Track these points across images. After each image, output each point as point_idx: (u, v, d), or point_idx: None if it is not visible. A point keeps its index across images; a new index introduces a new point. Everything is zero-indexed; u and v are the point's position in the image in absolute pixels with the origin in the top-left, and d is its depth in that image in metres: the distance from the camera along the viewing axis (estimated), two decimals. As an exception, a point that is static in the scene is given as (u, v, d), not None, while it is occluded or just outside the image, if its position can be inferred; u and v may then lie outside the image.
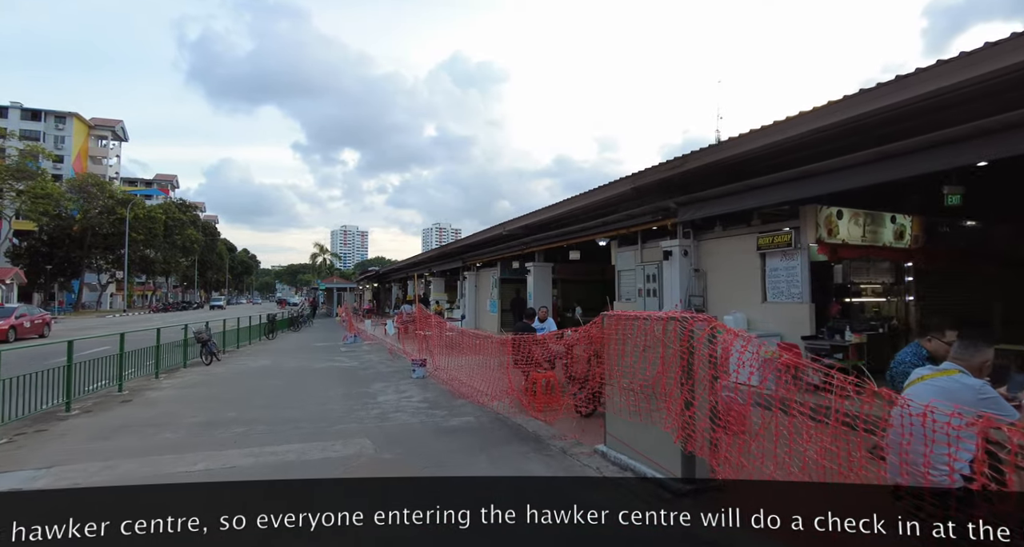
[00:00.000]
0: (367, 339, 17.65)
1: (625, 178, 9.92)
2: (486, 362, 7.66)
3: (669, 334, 4.20)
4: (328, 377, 9.88)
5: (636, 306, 11.69)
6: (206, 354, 11.79)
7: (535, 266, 16.00)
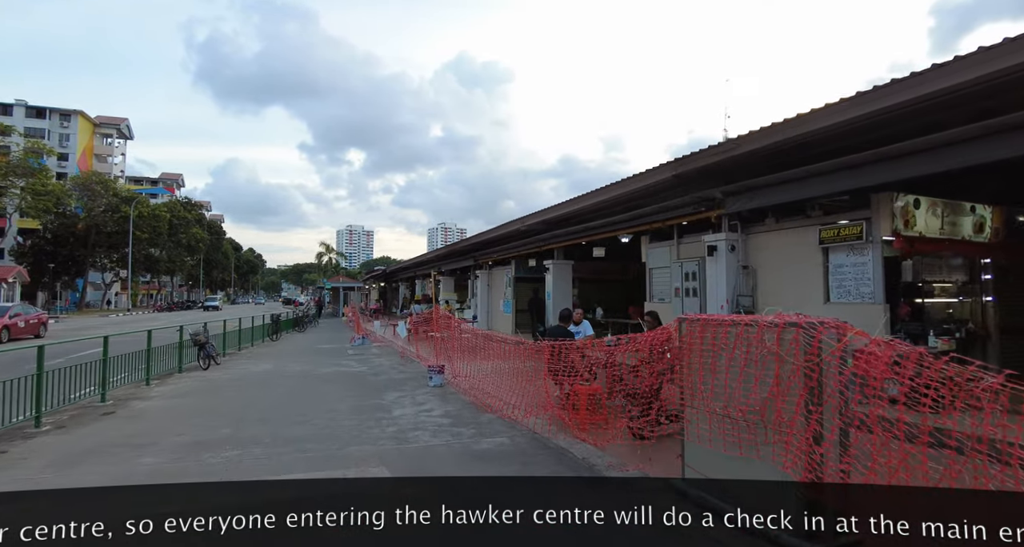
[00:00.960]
0: (376, 341, 16.72)
1: (666, 164, 8.93)
2: (516, 370, 6.68)
3: (787, 345, 3.21)
4: (336, 384, 8.93)
5: (671, 307, 10.69)
6: (204, 358, 10.88)
7: (554, 264, 15.02)
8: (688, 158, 8.56)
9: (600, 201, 11.57)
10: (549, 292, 15.13)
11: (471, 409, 6.86)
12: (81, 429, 6.02)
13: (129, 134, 74.42)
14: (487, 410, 6.69)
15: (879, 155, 6.71)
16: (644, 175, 9.44)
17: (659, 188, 9.65)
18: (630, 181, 9.90)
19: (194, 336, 10.83)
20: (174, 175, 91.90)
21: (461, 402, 7.31)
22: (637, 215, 11.21)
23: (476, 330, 8.13)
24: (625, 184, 10.14)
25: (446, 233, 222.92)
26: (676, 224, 10.54)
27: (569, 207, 12.71)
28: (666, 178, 9.01)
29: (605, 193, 10.97)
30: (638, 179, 9.61)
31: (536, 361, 6.38)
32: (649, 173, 9.33)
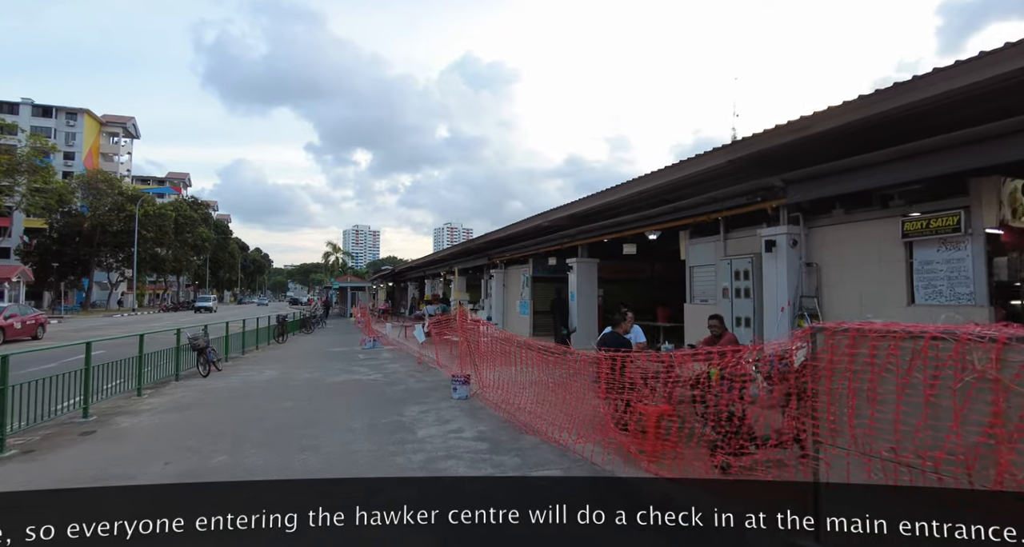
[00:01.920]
0: (387, 344, 15.78)
1: (719, 149, 7.91)
2: (563, 385, 5.69)
3: (1014, 369, 2.22)
4: (349, 395, 7.98)
5: (717, 310, 9.67)
6: (203, 364, 9.96)
7: (579, 262, 14.03)
8: (746, 141, 7.54)
9: (635, 193, 10.55)
10: (573, 292, 14.14)
11: (507, 429, 5.89)
12: (50, 455, 5.08)
13: (136, 133, 74.00)
14: (526, 431, 5.71)
15: (984, 133, 5.70)
16: (693, 161, 8.43)
17: (708, 176, 8.63)
18: (676, 168, 8.89)
19: (192, 340, 9.92)
20: (181, 175, 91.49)
21: (494, 420, 6.34)
22: (678, 208, 10.21)
23: (511, 336, 7.15)
24: (669, 172, 9.13)
25: (452, 233, 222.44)
26: (723, 217, 9.54)
27: (599, 200, 11.70)
28: (718, 164, 7.99)
29: (643, 183, 9.96)
30: (686, 166, 8.59)
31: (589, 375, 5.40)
32: (699, 159, 8.32)
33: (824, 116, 6.43)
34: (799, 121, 6.78)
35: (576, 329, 13.75)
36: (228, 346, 12.45)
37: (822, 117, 6.45)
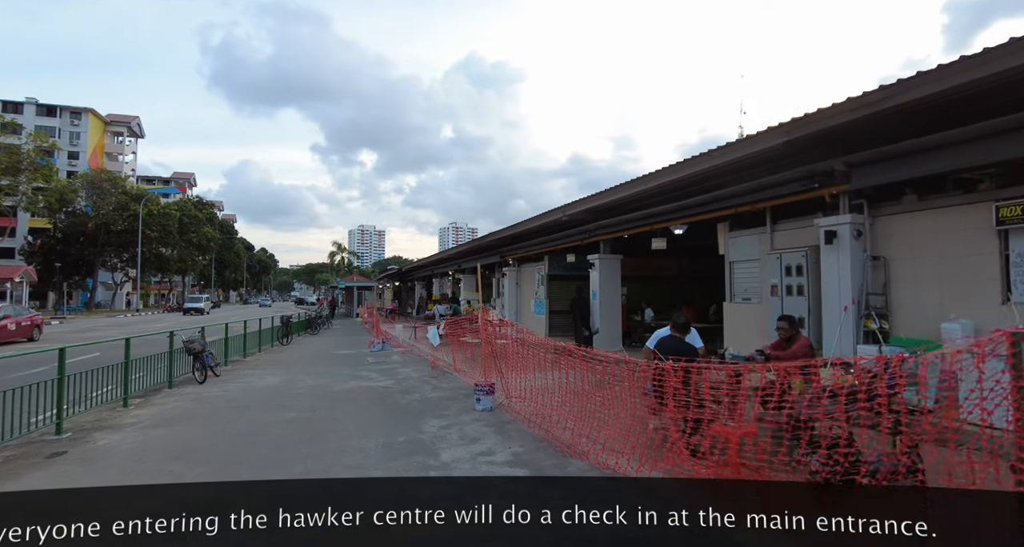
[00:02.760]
0: (397, 346, 14.94)
1: (775, 128, 7.00)
2: (615, 399, 4.82)
3: None
4: (358, 406, 7.14)
5: (763, 309, 8.79)
6: (200, 369, 9.14)
7: (601, 259, 13.14)
8: (807, 118, 6.63)
9: (668, 182, 9.66)
10: (595, 291, 13.26)
11: (546, 451, 5.01)
12: (7, 484, 4.25)
13: (140, 132, 73.57)
14: (570, 453, 4.84)
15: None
16: (744, 143, 7.52)
17: (758, 160, 7.73)
18: (722, 152, 7.97)
19: (188, 343, 9.10)
20: (186, 174, 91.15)
21: (527, 437, 5.47)
22: (717, 198, 9.30)
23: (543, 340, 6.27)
24: (713, 157, 8.22)
25: (457, 232, 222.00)
26: (769, 207, 8.64)
27: (625, 191, 10.81)
28: (773, 146, 7.09)
29: (679, 171, 9.06)
30: (735, 148, 7.68)
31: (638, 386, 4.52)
32: (750, 140, 7.41)
33: (908, 84, 5.53)
34: (876, 92, 5.87)
35: (599, 330, 12.88)
36: (228, 349, 11.64)
37: (908, 85, 5.54)
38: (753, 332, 8.76)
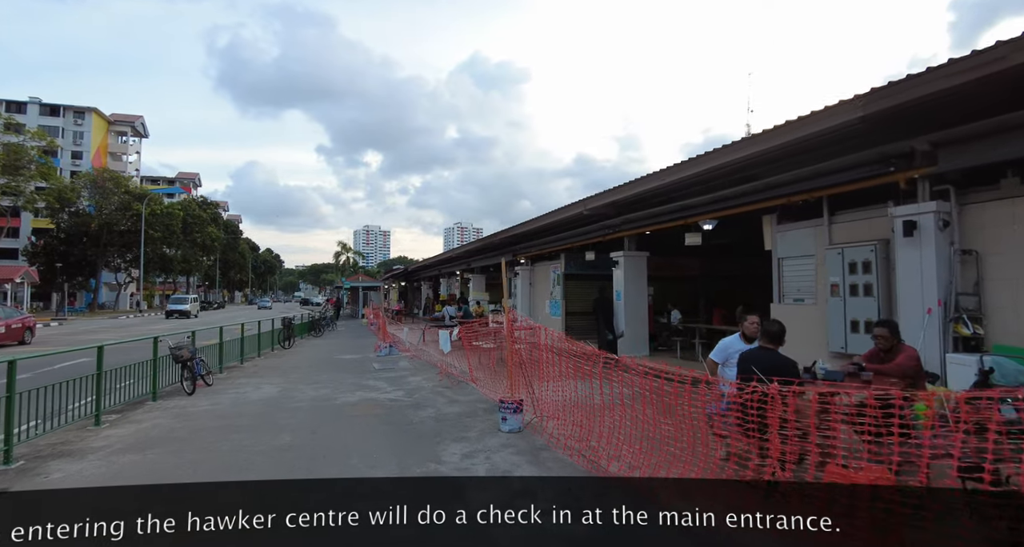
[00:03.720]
0: (404, 351, 14.00)
1: (848, 101, 6.00)
2: (682, 424, 3.86)
3: None
4: (364, 426, 6.19)
5: (819, 311, 7.79)
6: (188, 378, 8.23)
7: (626, 256, 12.16)
8: (892, 88, 5.63)
9: (705, 171, 8.69)
10: (619, 291, 12.28)
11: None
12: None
13: (144, 132, 73.05)
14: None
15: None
16: (808, 120, 6.50)
17: (820, 142, 6.73)
18: (775, 133, 6.97)
19: (174, 350, 8.18)
20: (191, 175, 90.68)
21: (569, 469, 4.50)
22: (768, 186, 8.31)
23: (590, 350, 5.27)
24: (761, 140, 7.23)
25: (462, 233, 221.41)
26: (827, 196, 7.64)
27: (655, 181, 9.83)
28: (846, 123, 6.09)
29: (720, 156, 8.07)
30: (793, 128, 6.67)
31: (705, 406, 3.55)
32: (816, 117, 6.40)
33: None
34: (988, 52, 4.87)
35: (624, 333, 11.90)
36: (223, 355, 10.72)
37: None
38: (807, 338, 7.76)
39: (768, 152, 7.38)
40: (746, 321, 4.87)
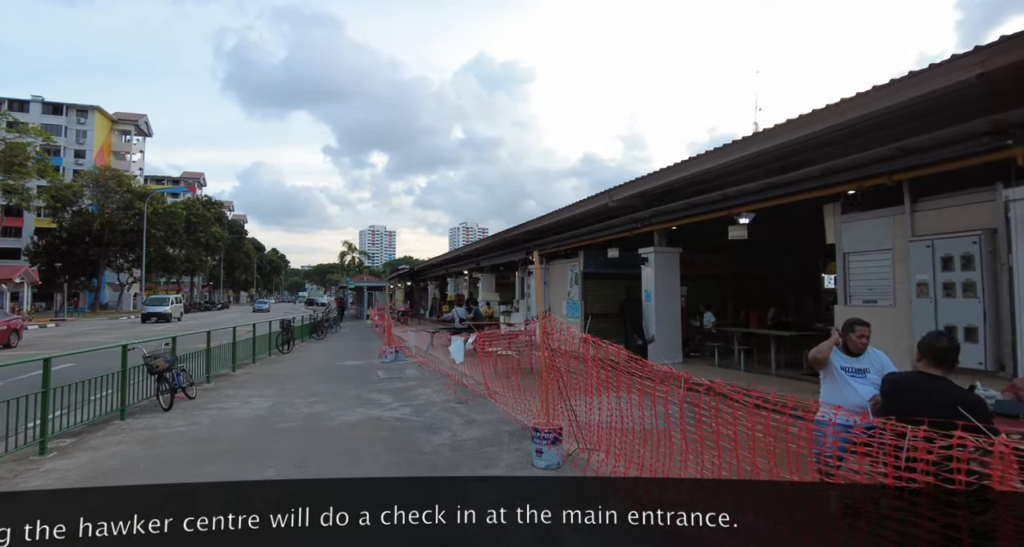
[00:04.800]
0: (411, 356, 12.91)
1: (962, 57, 4.86)
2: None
3: None
4: (365, 455, 5.09)
5: (899, 315, 6.63)
6: (165, 392, 7.16)
7: (656, 253, 11.02)
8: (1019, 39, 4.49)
9: (755, 153, 7.54)
10: (648, 291, 11.14)
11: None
12: None
13: (148, 131, 72.40)
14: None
15: None
16: (902, 85, 5.35)
17: (913, 112, 5.58)
18: (858, 103, 5.81)
19: (149, 359, 7.12)
20: (195, 174, 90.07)
21: (645, 540, 3.37)
22: (827, 170, 7.17)
23: (683, 375, 4.09)
24: (841, 110, 6.04)
25: (467, 233, 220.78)
26: (908, 179, 6.48)
27: (693, 168, 8.68)
28: (959, 82, 4.94)
29: (785, 133, 6.89)
30: (888, 93, 5.50)
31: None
32: (914, 80, 5.24)
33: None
34: None
35: (654, 337, 10.77)
36: (211, 363, 9.66)
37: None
38: (884, 347, 6.61)
39: (836, 129, 6.23)
40: (853, 333, 3.70)
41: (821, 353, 3.49)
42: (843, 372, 3.56)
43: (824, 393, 3.66)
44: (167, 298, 34.62)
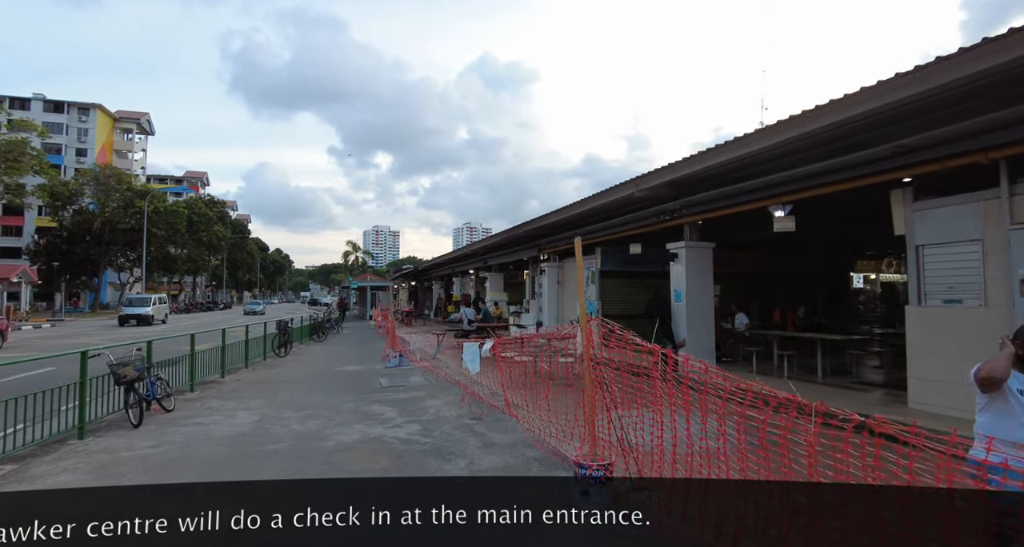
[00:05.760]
0: (417, 362, 11.93)
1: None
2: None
3: None
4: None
5: (993, 316, 5.62)
6: (135, 405, 6.21)
7: (688, 248, 10.01)
8: None
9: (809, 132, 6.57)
10: (678, 290, 10.13)
11: None
12: None
13: (150, 130, 71.78)
14: None
15: None
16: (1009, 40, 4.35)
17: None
18: (952, 65, 4.82)
19: (115, 367, 6.17)
20: (198, 173, 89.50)
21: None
22: (898, 149, 6.18)
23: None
24: (927, 76, 5.06)
25: (471, 233, 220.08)
26: (1009, 156, 5.48)
27: (738, 149, 7.70)
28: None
29: (852, 106, 5.90)
30: (995, 50, 4.50)
31: None
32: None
33: None
34: None
35: (685, 342, 9.77)
36: (195, 370, 8.72)
37: None
38: (968, 352, 5.61)
39: (921, 98, 5.25)
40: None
41: (1000, 371, 2.51)
42: (1021, 396, 2.57)
43: (984, 423, 2.69)
44: (148, 298, 30.57)
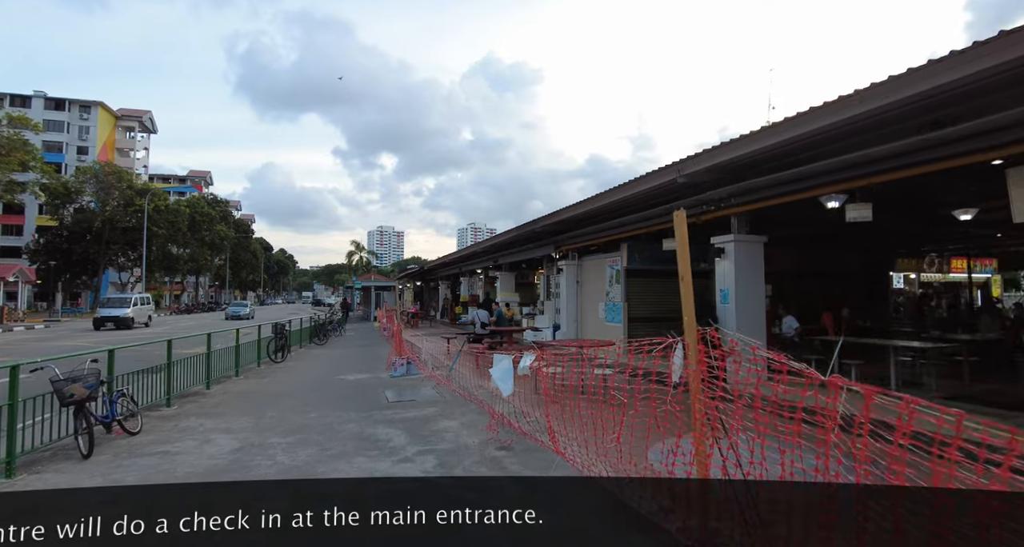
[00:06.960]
0: (428, 373, 10.70)
1: None
2: None
3: None
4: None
5: None
6: (84, 432, 5.05)
7: (737, 242, 8.80)
8: None
9: (894, 102, 5.37)
10: (725, 291, 8.92)
11: None
12: None
13: (152, 128, 71.00)
14: None
15: None
16: None
17: None
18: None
19: (59, 384, 5.01)
20: (202, 173, 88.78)
21: None
22: (1013, 120, 4.97)
23: None
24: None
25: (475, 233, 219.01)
26: None
27: (806, 125, 6.48)
28: None
29: (968, 62, 4.69)
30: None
31: None
32: None
33: None
34: None
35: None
36: (172, 382, 7.56)
37: None
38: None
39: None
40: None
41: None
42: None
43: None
44: (128, 298, 27.70)
